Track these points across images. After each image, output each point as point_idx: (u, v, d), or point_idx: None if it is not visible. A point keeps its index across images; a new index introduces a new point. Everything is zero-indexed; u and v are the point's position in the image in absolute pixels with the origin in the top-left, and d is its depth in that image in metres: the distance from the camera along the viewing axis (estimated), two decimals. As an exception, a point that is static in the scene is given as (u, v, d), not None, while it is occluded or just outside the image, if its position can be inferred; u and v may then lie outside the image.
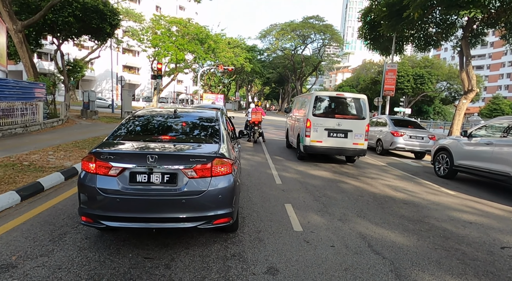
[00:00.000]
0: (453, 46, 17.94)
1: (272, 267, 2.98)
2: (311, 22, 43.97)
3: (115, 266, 2.83)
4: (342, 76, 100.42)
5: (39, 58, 37.37)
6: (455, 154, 7.67)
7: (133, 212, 2.95)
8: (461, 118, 16.13)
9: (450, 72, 43.21)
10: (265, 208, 4.68)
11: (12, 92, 11.24)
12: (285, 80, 59.12)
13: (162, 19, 34.60)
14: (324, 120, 8.55)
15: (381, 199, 5.64)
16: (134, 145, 3.35)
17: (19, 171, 5.50)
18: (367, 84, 49.03)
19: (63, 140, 9.38)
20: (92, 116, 17.82)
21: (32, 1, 16.28)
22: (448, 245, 3.77)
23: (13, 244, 3.13)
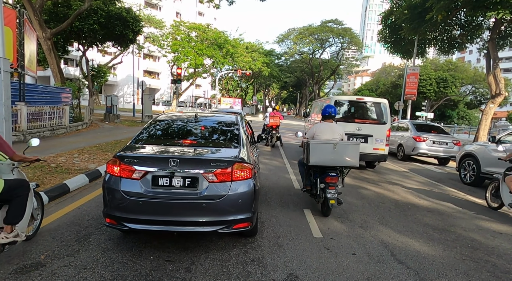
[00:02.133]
0: (479, 49, 17.32)
1: (292, 273, 2.94)
2: (329, 26, 43.63)
3: (137, 267, 2.88)
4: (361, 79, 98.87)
5: (66, 64, 38.98)
6: (482, 160, 7.36)
7: (155, 215, 3.00)
8: (488, 123, 15.48)
9: (476, 75, 41.59)
10: (284, 213, 4.65)
11: (41, 97, 11.79)
12: (302, 84, 58.85)
13: (182, 25, 35.37)
14: (344, 124, 8.40)
15: (403, 206, 5.47)
16: (156, 149, 3.41)
17: (47, 173, 5.73)
18: (387, 88, 48.00)
19: (88, 143, 9.71)
20: (115, 119, 18.36)
21: (60, 10, 17.07)
22: (477, 256, 3.60)
23: (42, 243, 3.25)
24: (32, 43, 11.47)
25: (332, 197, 4.41)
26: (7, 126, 4.73)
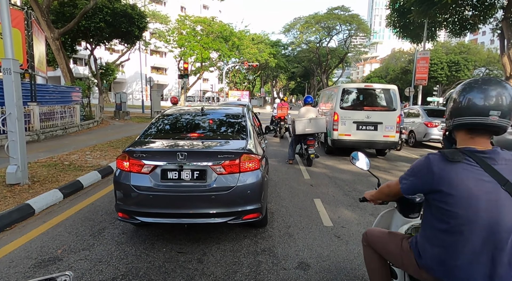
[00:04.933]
0: (492, 29, 16.71)
1: (303, 262, 2.96)
2: (336, 13, 42.68)
3: (150, 260, 2.94)
4: (370, 67, 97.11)
5: (75, 64, 39.53)
6: (497, 143, 7.15)
7: (166, 208, 3.05)
8: (503, 106, 15.03)
9: (489, 57, 40.34)
10: (294, 203, 4.66)
11: (52, 96, 12.00)
12: (310, 74, 58.13)
13: (187, 19, 35.24)
14: (353, 113, 8.32)
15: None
16: (164, 143, 3.45)
17: (61, 170, 5.87)
18: (397, 74, 47.04)
19: (99, 140, 9.88)
20: (124, 116, 18.60)
21: (67, 9, 17.23)
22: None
23: (58, 238, 3.35)
24: (41, 44, 11.64)
25: (312, 152, 7.20)
26: (20, 126, 4.85)
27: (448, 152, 1.34)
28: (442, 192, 1.31)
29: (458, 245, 1.30)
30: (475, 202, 1.26)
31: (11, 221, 3.66)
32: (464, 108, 1.34)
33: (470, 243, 1.27)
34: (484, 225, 1.25)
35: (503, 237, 1.24)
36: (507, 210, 1.24)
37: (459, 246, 1.29)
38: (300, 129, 7.22)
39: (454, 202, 1.28)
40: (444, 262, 1.34)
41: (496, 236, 1.24)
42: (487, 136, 1.36)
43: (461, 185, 1.27)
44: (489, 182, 1.26)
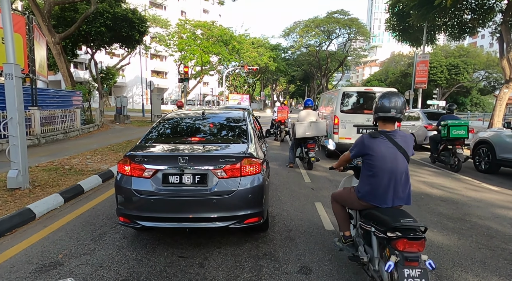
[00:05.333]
0: (491, 33, 16.77)
1: (304, 266, 2.95)
2: (335, 17, 42.89)
3: (151, 264, 2.93)
4: (369, 70, 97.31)
5: (75, 68, 39.67)
6: (498, 147, 7.18)
7: (167, 213, 3.04)
8: (503, 109, 15.04)
9: (489, 60, 40.39)
10: (295, 207, 4.65)
11: (52, 101, 12.03)
12: (310, 77, 58.26)
13: (187, 23, 35.46)
14: (353, 116, 8.34)
15: (416, 196, 5.40)
16: (166, 147, 3.45)
17: (62, 174, 5.87)
18: (396, 77, 47.09)
19: (99, 144, 9.89)
20: (125, 120, 18.62)
21: (68, 14, 17.32)
22: (494, 244, 3.54)
23: (59, 243, 3.35)
24: (42, 49, 11.70)
25: (312, 156, 7.15)
26: (21, 130, 4.86)
27: (372, 132, 2.45)
28: (368, 154, 2.41)
29: (376, 183, 2.39)
30: (384, 158, 2.36)
31: (12, 226, 3.65)
32: (379, 108, 2.45)
33: (382, 181, 2.37)
34: (389, 170, 2.36)
35: (398, 176, 2.37)
36: (400, 162, 2.37)
37: (377, 183, 2.39)
38: (300, 132, 7.22)
39: (374, 159, 2.38)
40: (370, 192, 2.44)
41: (395, 176, 2.36)
42: (392, 123, 2.46)
43: (377, 150, 2.38)
44: (392, 148, 2.37)
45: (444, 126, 7.76)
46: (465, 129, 7.57)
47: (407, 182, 2.41)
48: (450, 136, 7.58)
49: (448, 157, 7.94)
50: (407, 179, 2.41)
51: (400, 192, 2.38)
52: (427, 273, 1.99)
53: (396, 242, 2.06)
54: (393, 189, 2.37)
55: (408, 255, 2.01)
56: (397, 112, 2.37)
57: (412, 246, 2.03)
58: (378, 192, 2.40)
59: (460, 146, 7.70)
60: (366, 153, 2.42)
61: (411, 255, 2.02)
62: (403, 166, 2.37)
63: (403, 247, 2.04)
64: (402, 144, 2.38)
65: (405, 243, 2.04)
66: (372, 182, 2.41)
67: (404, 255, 2.02)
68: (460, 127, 7.56)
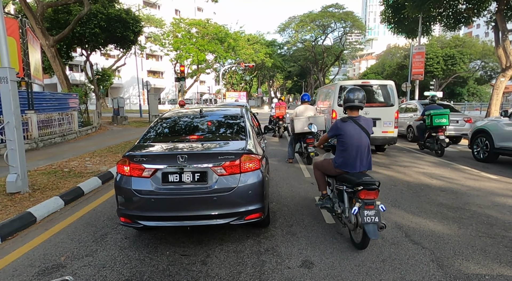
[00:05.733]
0: (486, 22, 16.77)
1: (306, 260, 2.96)
2: (330, 11, 42.72)
3: (154, 263, 2.94)
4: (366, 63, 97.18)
5: (71, 70, 39.45)
6: (496, 136, 7.20)
7: (168, 211, 3.05)
8: (500, 98, 15.10)
9: (485, 50, 40.43)
10: (295, 202, 4.66)
11: (49, 104, 11.99)
12: (307, 72, 58.15)
13: (182, 22, 35.27)
14: (350, 109, 8.33)
15: (416, 188, 5.42)
16: (164, 146, 3.44)
17: (61, 177, 5.86)
18: (393, 69, 47.13)
19: (98, 146, 9.87)
20: (123, 121, 18.57)
21: (61, 16, 17.21)
22: (494, 232, 3.56)
23: (61, 245, 3.35)
24: (37, 52, 11.62)
25: (311, 151, 7.15)
26: (18, 134, 4.84)
27: (342, 118, 3.34)
28: (341, 134, 3.29)
29: (347, 155, 3.27)
30: (352, 137, 3.23)
31: (13, 230, 3.65)
32: (346, 99, 3.35)
33: (351, 153, 3.25)
34: (356, 145, 3.23)
35: (363, 149, 3.24)
36: (363, 139, 3.24)
37: (348, 155, 3.26)
38: (299, 127, 7.21)
39: (345, 138, 3.26)
40: (343, 162, 3.31)
41: (361, 149, 3.24)
42: (356, 110, 3.36)
43: (347, 131, 3.25)
44: (357, 129, 3.26)
45: (428, 115, 8.48)
46: (446, 118, 8.30)
47: (369, 153, 3.34)
48: (433, 124, 8.34)
49: (433, 143, 8.64)
50: (369, 151, 3.35)
51: (364, 160, 3.31)
52: (379, 213, 2.94)
53: (359, 192, 2.98)
54: (359, 159, 3.28)
55: (367, 201, 2.95)
56: (359, 102, 3.31)
57: (370, 195, 2.96)
58: (349, 161, 3.30)
59: (442, 132, 8.41)
60: (339, 133, 3.33)
61: (369, 201, 2.95)
62: (366, 141, 3.30)
63: (364, 196, 2.96)
64: (365, 126, 3.30)
65: (365, 193, 2.96)
66: (344, 155, 3.32)
67: (365, 201, 2.95)
68: (442, 116, 8.30)
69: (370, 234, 2.86)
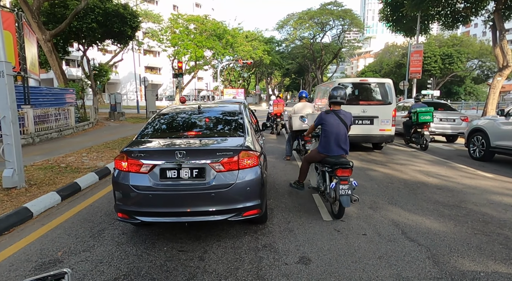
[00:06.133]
0: (484, 21, 16.83)
1: (304, 256, 2.98)
2: (329, 8, 42.62)
3: (151, 259, 2.94)
4: (364, 61, 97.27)
5: (67, 65, 39.12)
6: (492, 135, 7.25)
7: (165, 207, 3.04)
8: (496, 97, 15.19)
9: (482, 49, 40.56)
10: (292, 199, 4.68)
11: (45, 99, 11.89)
12: (305, 70, 58.10)
13: (180, 17, 35.01)
14: (348, 107, 8.26)
15: (412, 185, 5.46)
16: (162, 142, 3.44)
17: (58, 173, 5.83)
18: (391, 68, 47.20)
19: (95, 142, 9.82)
20: (120, 117, 18.48)
21: (58, 10, 17.03)
22: (489, 229, 3.60)
23: (58, 241, 3.34)
24: (33, 46, 11.50)
25: (309, 148, 6.97)
26: (15, 128, 4.81)
27: (326, 110, 4.14)
28: (324, 124, 4.05)
29: (328, 141, 4.01)
30: (332, 126, 3.99)
31: (9, 225, 3.63)
32: (330, 96, 4.09)
33: (331, 140, 3.99)
34: (335, 133, 3.97)
35: (341, 137, 3.99)
36: (341, 128, 3.99)
37: (328, 141, 4.01)
38: (297, 125, 7.20)
39: (326, 127, 4.02)
40: (325, 147, 4.03)
41: (339, 137, 3.98)
42: (338, 105, 4.08)
43: (328, 121, 4.02)
44: (337, 120, 4.01)
45: (414, 113, 9.14)
46: (430, 115, 8.98)
47: (346, 140, 4.05)
48: (419, 121, 8.99)
49: (418, 138, 9.33)
50: (346, 138, 4.06)
51: (342, 146, 4.02)
52: (352, 187, 3.65)
53: (336, 171, 3.72)
54: (338, 144, 4.00)
55: (342, 177, 3.65)
56: (340, 99, 4.05)
57: (345, 172, 3.69)
58: (329, 146, 4.02)
59: (427, 128, 9.15)
60: (322, 123, 4.09)
61: (343, 177, 3.66)
62: (344, 130, 4.03)
63: (340, 173, 3.69)
64: (343, 118, 4.04)
65: (341, 171, 3.70)
66: (326, 141, 4.05)
67: (340, 178, 3.65)
68: (427, 113, 8.96)
69: (344, 203, 3.58)
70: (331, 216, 3.96)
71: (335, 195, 3.66)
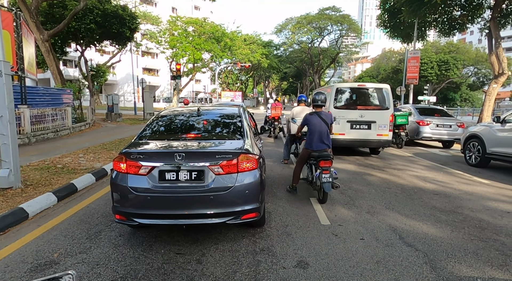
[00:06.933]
0: (480, 29, 17.03)
1: (302, 260, 2.98)
2: (327, 13, 42.92)
3: (149, 261, 2.92)
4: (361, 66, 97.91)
5: (65, 65, 38.95)
6: (488, 141, 7.32)
7: (164, 210, 3.03)
8: (492, 104, 15.34)
9: (478, 56, 41.05)
10: (290, 203, 4.68)
11: (42, 99, 11.82)
12: (302, 74, 58.36)
13: (179, 20, 35.06)
14: (346, 112, 8.39)
15: (409, 191, 5.48)
16: (161, 144, 3.43)
17: (54, 173, 5.79)
18: (388, 73, 47.55)
19: (91, 142, 9.77)
20: (117, 118, 18.41)
21: (56, 11, 16.96)
22: (485, 235, 3.62)
23: (54, 242, 3.31)
24: (31, 46, 11.46)
25: None
26: (11, 129, 4.77)
27: (311, 112, 5.01)
28: (309, 124, 4.88)
29: (312, 138, 4.82)
30: (315, 125, 4.80)
31: (4, 226, 3.59)
32: (313, 100, 5.07)
33: (314, 137, 4.80)
34: (318, 131, 4.78)
35: (323, 134, 4.79)
36: (323, 127, 4.80)
37: (312, 138, 4.82)
38: (295, 128, 7.21)
39: (311, 126, 4.85)
40: (310, 143, 4.86)
41: (322, 134, 4.78)
42: (320, 107, 4.99)
43: (312, 121, 4.84)
44: (319, 120, 4.81)
45: None
46: (405, 118, 10.35)
47: (328, 136, 4.80)
48: (396, 123, 9.91)
49: (395, 138, 10.36)
50: (328, 135, 4.81)
51: (324, 141, 4.76)
52: (332, 175, 4.41)
53: (319, 162, 4.52)
54: (321, 141, 4.75)
55: (324, 168, 4.42)
56: (321, 102, 4.94)
57: (326, 163, 4.47)
58: (313, 142, 4.78)
59: (402, 130, 10.45)
60: (308, 123, 4.86)
61: (325, 167, 4.42)
62: (325, 128, 4.78)
63: (323, 164, 4.46)
64: (325, 118, 4.81)
65: (324, 162, 4.48)
66: (310, 138, 4.81)
67: (323, 168, 4.42)
68: (402, 116, 10.34)
69: (326, 189, 4.37)
70: (319, 202, 4.73)
71: (319, 183, 4.44)
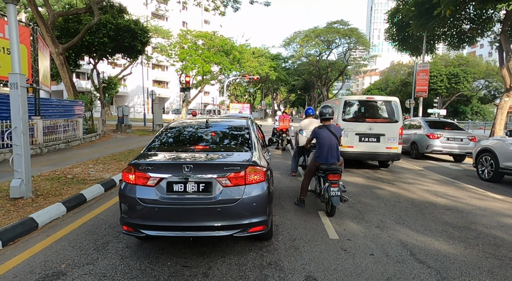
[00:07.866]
0: (490, 42, 16.96)
1: (310, 276, 2.91)
2: (335, 27, 43.36)
3: (155, 274, 2.90)
4: (369, 79, 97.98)
5: (77, 78, 39.96)
6: (501, 155, 7.16)
7: (171, 221, 3.02)
8: (504, 117, 15.09)
9: (488, 69, 40.68)
10: (298, 216, 4.62)
11: (55, 110, 12.10)
12: (310, 86, 58.58)
13: (189, 33, 35.87)
14: (355, 124, 8.35)
15: (420, 205, 5.37)
16: (170, 156, 3.45)
17: (64, 183, 5.86)
18: (396, 86, 47.40)
19: (101, 153, 9.89)
20: (127, 130, 18.66)
21: (71, 25, 17.56)
22: (501, 253, 3.50)
23: (62, 253, 3.32)
24: (46, 59, 11.82)
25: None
26: (25, 139, 4.88)
27: (319, 125, 4.96)
28: (318, 137, 4.84)
29: (322, 151, 4.77)
30: (325, 138, 4.76)
31: (14, 235, 3.63)
32: (320, 113, 5.03)
33: (324, 150, 4.74)
34: (327, 144, 4.74)
35: (332, 147, 4.74)
36: (333, 140, 4.77)
37: (322, 152, 4.77)
38: (303, 141, 7.19)
39: (320, 139, 4.80)
40: (319, 156, 4.79)
41: (331, 147, 4.73)
42: (328, 120, 4.96)
43: (322, 134, 4.81)
44: (328, 133, 4.79)
45: None
46: None
47: (337, 150, 4.77)
48: None
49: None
50: (337, 148, 4.79)
51: (334, 155, 4.72)
52: (341, 189, 4.39)
53: (328, 175, 4.49)
54: (330, 154, 4.71)
55: (333, 181, 4.42)
56: (329, 115, 4.91)
57: (335, 177, 4.45)
58: (322, 155, 4.74)
59: None
60: (317, 136, 4.85)
61: (334, 181, 4.42)
62: (334, 141, 4.76)
63: (331, 178, 4.45)
64: (334, 131, 4.80)
65: (332, 176, 4.46)
66: (320, 151, 4.78)
67: (331, 181, 4.43)
68: None
69: (334, 202, 4.32)
70: (327, 214, 4.70)
71: (328, 196, 4.40)
